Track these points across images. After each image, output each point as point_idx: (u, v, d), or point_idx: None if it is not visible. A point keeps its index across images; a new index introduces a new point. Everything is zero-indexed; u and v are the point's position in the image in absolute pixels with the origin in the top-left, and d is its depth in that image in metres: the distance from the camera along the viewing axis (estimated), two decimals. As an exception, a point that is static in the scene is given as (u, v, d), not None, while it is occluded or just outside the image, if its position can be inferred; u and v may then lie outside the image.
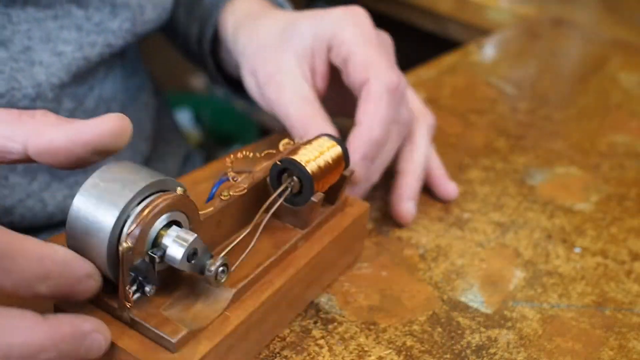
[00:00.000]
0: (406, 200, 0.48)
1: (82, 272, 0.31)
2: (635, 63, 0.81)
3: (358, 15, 0.48)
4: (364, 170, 0.44)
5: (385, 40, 0.50)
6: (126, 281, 0.31)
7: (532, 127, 0.64)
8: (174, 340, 0.31)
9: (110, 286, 0.32)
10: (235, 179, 0.38)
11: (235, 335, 0.34)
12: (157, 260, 0.32)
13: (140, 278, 0.32)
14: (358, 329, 0.40)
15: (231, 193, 0.37)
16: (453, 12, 1.07)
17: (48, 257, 0.29)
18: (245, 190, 0.38)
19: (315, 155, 0.39)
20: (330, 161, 0.39)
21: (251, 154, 0.40)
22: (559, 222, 0.51)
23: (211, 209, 0.36)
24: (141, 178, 0.32)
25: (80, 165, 0.33)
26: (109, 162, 0.33)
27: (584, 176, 0.57)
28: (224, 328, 0.33)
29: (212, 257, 0.33)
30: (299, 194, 0.39)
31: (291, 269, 0.37)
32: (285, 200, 0.38)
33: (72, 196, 0.51)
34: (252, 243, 0.36)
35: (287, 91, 0.47)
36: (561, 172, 0.58)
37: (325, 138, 0.40)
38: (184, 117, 1.52)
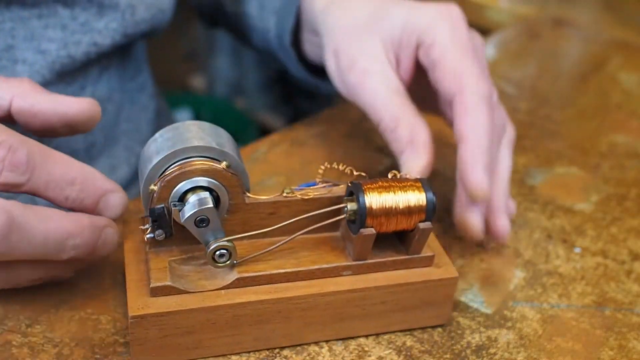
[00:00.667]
0: (498, 214, 0.44)
1: (107, 186, 0.36)
2: (635, 63, 0.81)
3: (454, 15, 0.46)
4: (488, 182, 0.41)
5: (477, 44, 0.48)
6: (146, 219, 0.36)
7: (532, 127, 0.64)
8: (151, 285, 0.34)
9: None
10: (324, 186, 0.38)
11: (218, 314, 0.35)
12: (173, 211, 0.35)
13: (155, 221, 0.35)
14: (358, 329, 0.40)
15: (295, 192, 0.38)
16: (453, 12, 1.07)
17: (76, 165, 0.35)
18: (309, 197, 0.38)
19: (390, 193, 0.37)
20: (401, 205, 0.36)
21: (349, 171, 0.39)
22: (559, 222, 0.51)
23: (265, 197, 0.37)
24: (207, 141, 0.35)
25: (48, 134, 0.38)
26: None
27: (584, 176, 0.57)
28: (207, 302, 0.35)
29: (223, 236, 0.35)
30: (355, 222, 0.37)
31: (315, 289, 0.36)
32: (348, 224, 0.38)
33: None
34: (276, 245, 0.36)
35: (374, 80, 0.45)
36: (561, 172, 0.58)
37: (419, 184, 0.37)
38: (183, 117, 1.52)
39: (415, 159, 0.42)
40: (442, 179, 0.54)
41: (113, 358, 0.36)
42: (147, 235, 0.36)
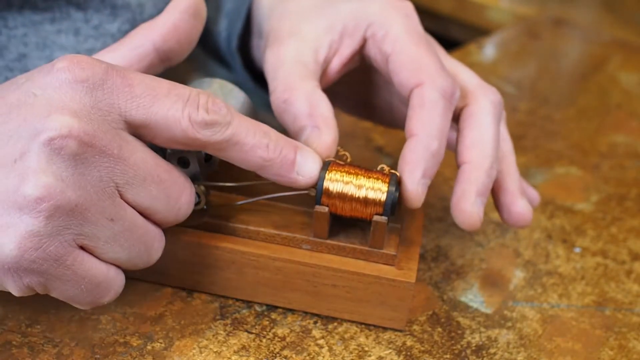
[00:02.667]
0: (471, 196, 0.38)
1: (297, 143, 0.36)
2: (635, 63, 0.81)
3: (407, 8, 0.42)
4: (423, 189, 0.38)
5: (433, 41, 0.44)
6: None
7: (532, 127, 0.64)
8: None
9: None
10: None
11: (179, 247, 0.39)
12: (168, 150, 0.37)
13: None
14: (358, 329, 0.40)
15: None
16: (453, 12, 1.07)
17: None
18: None
19: (353, 178, 0.37)
20: (359, 194, 0.37)
21: (345, 157, 0.40)
22: (559, 222, 0.51)
23: None
24: (216, 96, 0.37)
25: (193, 37, 0.39)
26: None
27: (584, 176, 0.57)
28: (172, 234, 0.38)
29: (199, 180, 0.38)
30: None
31: (267, 251, 0.38)
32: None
33: None
34: (242, 202, 0.40)
35: (287, 53, 0.41)
36: (561, 172, 0.58)
37: (387, 178, 0.37)
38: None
39: (319, 135, 0.38)
40: (441, 179, 0.54)
41: (113, 358, 0.36)
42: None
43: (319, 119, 0.38)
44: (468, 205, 0.38)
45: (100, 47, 0.50)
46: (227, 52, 0.57)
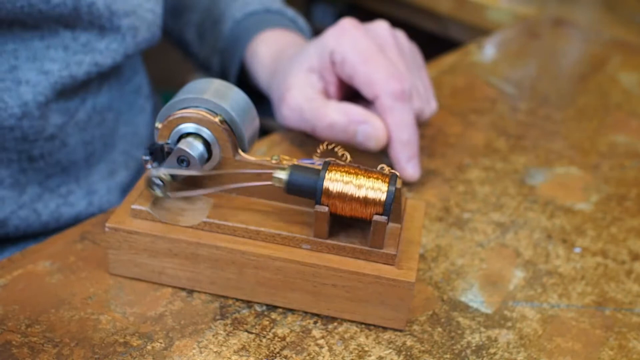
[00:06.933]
0: (405, 162, 0.50)
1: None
2: (635, 63, 0.81)
3: (347, 27, 0.51)
4: (418, 167, 0.50)
5: (381, 37, 0.53)
6: (147, 151, 0.39)
7: (532, 127, 0.64)
8: (132, 207, 0.39)
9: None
10: (318, 164, 0.40)
11: (178, 247, 0.39)
12: (167, 149, 0.39)
13: (152, 154, 0.39)
14: (358, 329, 0.40)
15: (281, 161, 0.40)
16: (453, 12, 1.07)
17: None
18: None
19: (353, 178, 0.37)
20: (359, 194, 0.37)
21: (345, 157, 0.40)
22: (559, 222, 0.51)
23: (254, 158, 0.40)
24: (215, 97, 0.39)
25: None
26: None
27: (584, 176, 0.57)
28: (171, 233, 0.39)
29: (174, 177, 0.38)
30: None
31: (268, 251, 0.38)
32: None
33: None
34: (204, 191, 0.40)
35: (296, 98, 0.52)
36: (561, 172, 0.58)
37: (387, 178, 0.38)
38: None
39: (375, 123, 0.49)
40: (442, 179, 0.54)
41: (113, 358, 0.36)
42: (147, 166, 0.39)
43: (359, 117, 0.49)
44: (408, 171, 0.50)
45: (89, 61, 0.51)
46: (221, 77, 0.67)
